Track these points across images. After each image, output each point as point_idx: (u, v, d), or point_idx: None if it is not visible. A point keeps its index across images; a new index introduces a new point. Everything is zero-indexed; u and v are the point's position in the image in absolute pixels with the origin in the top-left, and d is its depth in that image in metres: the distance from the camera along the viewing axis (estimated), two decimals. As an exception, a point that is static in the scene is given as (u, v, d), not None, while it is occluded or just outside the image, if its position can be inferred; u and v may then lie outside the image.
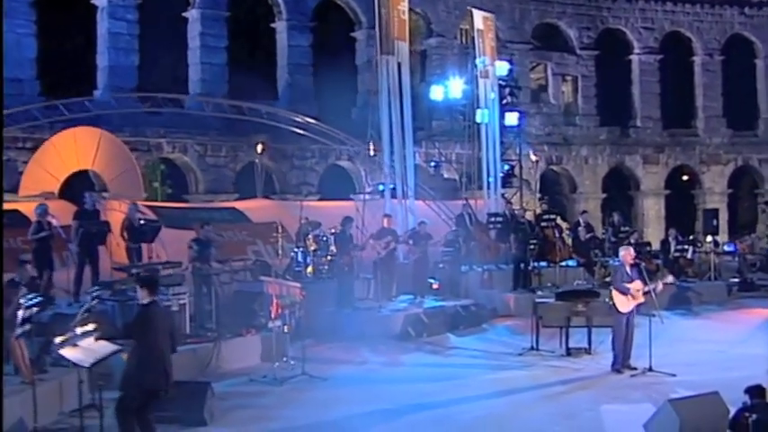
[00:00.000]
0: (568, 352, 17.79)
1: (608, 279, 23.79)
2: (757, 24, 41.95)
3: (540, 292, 23.23)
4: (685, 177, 42.90)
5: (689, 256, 25.81)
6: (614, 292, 16.28)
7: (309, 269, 21.70)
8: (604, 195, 40.60)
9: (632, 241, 25.67)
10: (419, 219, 23.58)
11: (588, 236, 25.56)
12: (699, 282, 25.58)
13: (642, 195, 41.40)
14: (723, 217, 40.14)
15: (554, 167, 40.63)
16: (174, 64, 34.55)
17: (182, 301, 17.03)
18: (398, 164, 25.47)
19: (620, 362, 16.29)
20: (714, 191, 41.49)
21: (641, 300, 16.39)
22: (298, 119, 31.76)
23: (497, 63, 30.60)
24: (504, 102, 31.25)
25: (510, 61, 32.42)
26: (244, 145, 31.65)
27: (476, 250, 24.90)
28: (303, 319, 16.82)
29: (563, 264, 24.97)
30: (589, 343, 17.88)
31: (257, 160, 28.90)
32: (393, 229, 22.56)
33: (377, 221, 23.00)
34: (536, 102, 40.16)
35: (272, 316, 16.18)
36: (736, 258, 28.52)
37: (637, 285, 16.36)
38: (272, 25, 35.87)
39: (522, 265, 23.81)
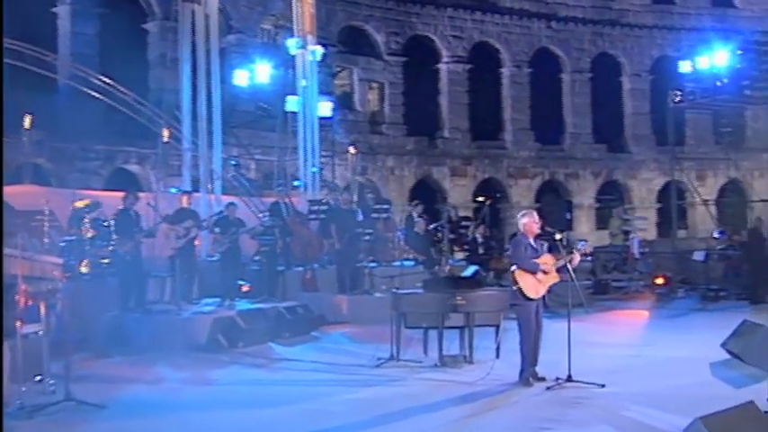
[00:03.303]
0: (443, 360, 12.11)
1: (456, 279, 18.57)
2: (563, 38, 38.22)
3: (378, 294, 17.61)
4: (481, 198, 38.17)
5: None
6: (519, 274, 10.80)
7: (84, 263, 15.24)
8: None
9: (478, 235, 20.56)
10: (227, 202, 17.47)
11: (432, 227, 20.09)
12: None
13: (449, 208, 36.42)
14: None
15: (359, 178, 35.12)
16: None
17: None
18: (202, 141, 19.30)
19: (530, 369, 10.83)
20: (521, 205, 37.06)
21: (555, 279, 11.10)
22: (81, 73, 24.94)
23: (311, 47, 24.76)
24: (318, 90, 25.41)
25: (325, 45, 26.66)
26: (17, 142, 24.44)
27: (295, 246, 18.89)
28: (68, 318, 10.31)
29: (397, 263, 19.34)
30: (470, 348, 12.27)
31: (25, 138, 21.92)
32: (194, 210, 16.43)
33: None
34: (341, 108, 34.61)
35: (19, 311, 9.70)
36: (590, 258, 23.76)
37: (547, 260, 11.05)
38: (54, 9, 29.04)
39: (351, 263, 18.07)
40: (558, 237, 11.82)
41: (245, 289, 17.08)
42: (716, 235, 31.88)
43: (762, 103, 30.67)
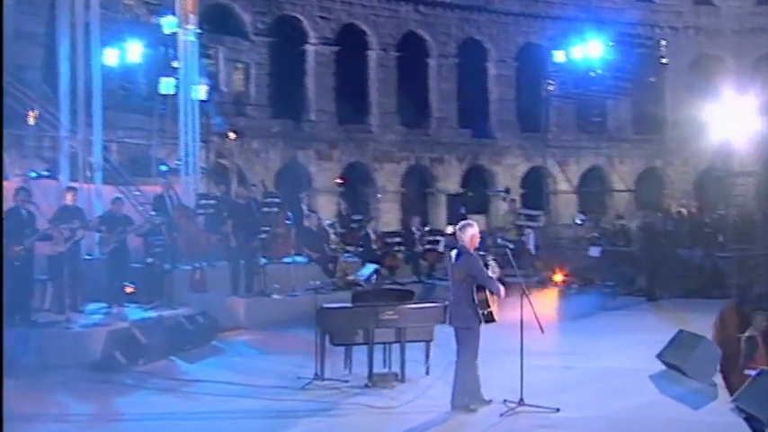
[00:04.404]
0: (372, 380, 11.03)
1: (351, 278, 17.55)
2: (431, 23, 37.21)
3: (275, 296, 16.35)
4: (340, 181, 37.13)
5: (440, 249, 19.76)
6: (491, 296, 9.86)
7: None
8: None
9: (370, 231, 19.50)
10: (113, 197, 15.80)
11: (328, 223, 18.91)
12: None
13: (315, 193, 35.08)
14: (397, 216, 35.29)
15: (223, 161, 33.39)
16: None
17: None
18: (81, 125, 17.50)
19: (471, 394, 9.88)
20: (387, 189, 36.25)
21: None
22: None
23: (191, 27, 22.86)
24: (193, 72, 23.63)
25: (201, 26, 24.79)
26: None
27: (181, 242, 17.25)
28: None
29: (288, 260, 18.06)
30: (402, 365, 11.23)
31: None
32: (80, 207, 14.71)
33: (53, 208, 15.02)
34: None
35: None
36: (482, 253, 22.93)
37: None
38: None
39: (248, 262, 16.71)
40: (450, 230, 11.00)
41: (129, 291, 15.46)
42: (578, 221, 32.14)
43: (629, 93, 30.88)
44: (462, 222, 10.52)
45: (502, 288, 10.00)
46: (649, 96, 33.83)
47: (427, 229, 20.88)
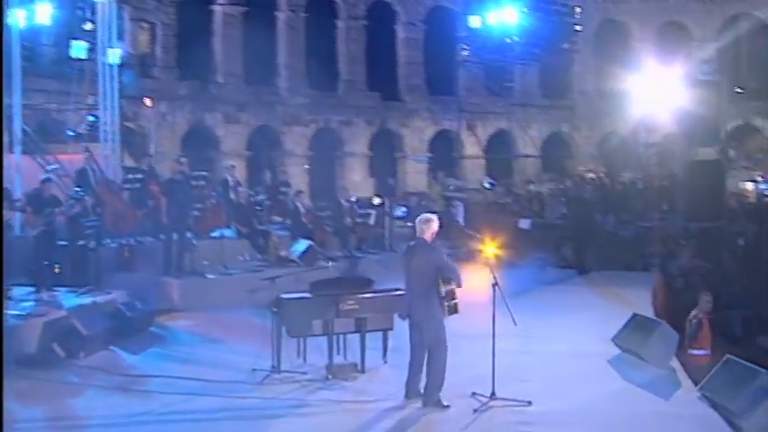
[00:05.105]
0: (332, 371, 10.59)
1: (284, 254, 17.01)
2: (340, -16, 36.47)
3: (210, 276, 15.70)
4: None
5: (372, 222, 19.31)
6: (455, 286, 9.57)
7: None
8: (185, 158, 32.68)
9: (299, 204, 18.89)
10: (42, 177, 14.80)
11: (261, 198, 18.19)
12: (382, 253, 19.22)
13: (223, 156, 34.06)
14: (305, 180, 34.65)
15: (129, 124, 31.97)
16: None
17: None
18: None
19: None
20: (295, 153, 35.49)
21: None
22: None
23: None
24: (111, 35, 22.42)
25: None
26: None
27: (106, 218, 16.33)
28: None
29: (216, 235, 17.31)
30: (362, 356, 10.82)
31: None
32: (6, 188, 13.75)
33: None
34: (110, 50, 31.28)
35: None
36: (410, 224, 22.50)
37: None
38: None
39: (181, 239, 15.95)
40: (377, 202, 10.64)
41: (55, 271, 14.52)
42: (487, 185, 32.15)
43: (540, 59, 30.91)
44: (425, 216, 10.08)
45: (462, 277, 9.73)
46: (559, 62, 33.84)
47: (354, 199, 20.32)
